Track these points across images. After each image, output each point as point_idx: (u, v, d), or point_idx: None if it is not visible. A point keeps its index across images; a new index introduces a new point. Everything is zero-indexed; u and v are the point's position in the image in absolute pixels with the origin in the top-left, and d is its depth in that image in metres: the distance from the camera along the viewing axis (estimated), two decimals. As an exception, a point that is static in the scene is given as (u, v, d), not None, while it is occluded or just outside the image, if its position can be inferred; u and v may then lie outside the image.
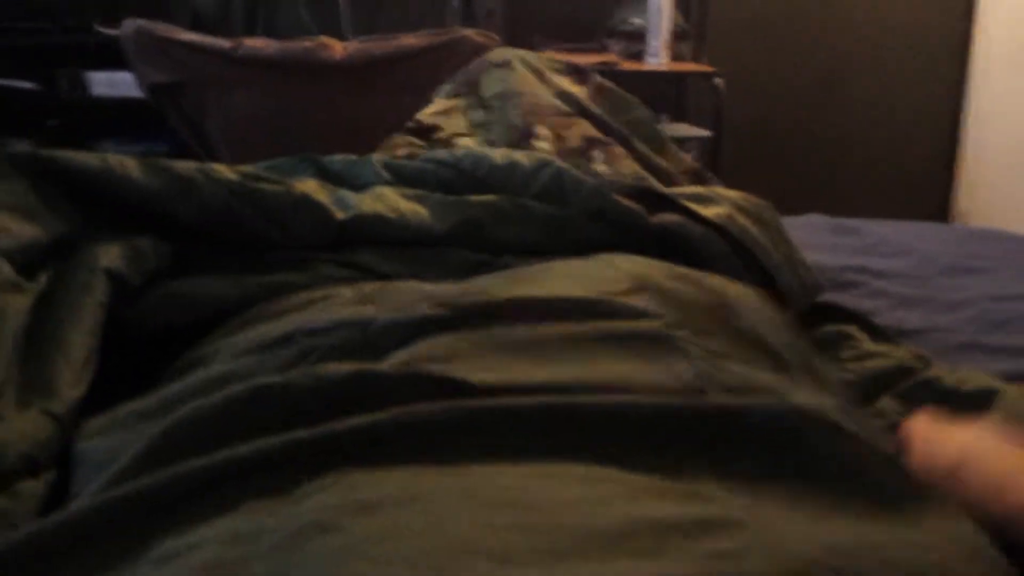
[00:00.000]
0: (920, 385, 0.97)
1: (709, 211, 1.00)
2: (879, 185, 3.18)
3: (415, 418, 0.57)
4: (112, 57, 2.19)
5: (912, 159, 3.23)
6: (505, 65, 1.64)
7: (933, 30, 3.11)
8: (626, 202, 0.97)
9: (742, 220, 0.99)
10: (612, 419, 0.57)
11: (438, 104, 1.60)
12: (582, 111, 1.59)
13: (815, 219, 1.79)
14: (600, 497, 0.51)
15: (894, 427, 0.84)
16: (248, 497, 0.49)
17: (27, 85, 2.47)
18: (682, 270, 0.86)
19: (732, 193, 1.06)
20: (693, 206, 1.00)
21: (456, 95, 1.62)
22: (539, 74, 1.65)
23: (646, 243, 0.96)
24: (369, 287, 0.83)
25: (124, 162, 0.88)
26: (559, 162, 1.01)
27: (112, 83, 2.39)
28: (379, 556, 0.43)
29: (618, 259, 0.86)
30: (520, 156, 1.04)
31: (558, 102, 1.57)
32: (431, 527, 0.47)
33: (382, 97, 2.09)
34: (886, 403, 0.96)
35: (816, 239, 1.58)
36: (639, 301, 0.75)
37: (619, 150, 1.51)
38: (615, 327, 0.70)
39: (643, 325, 0.71)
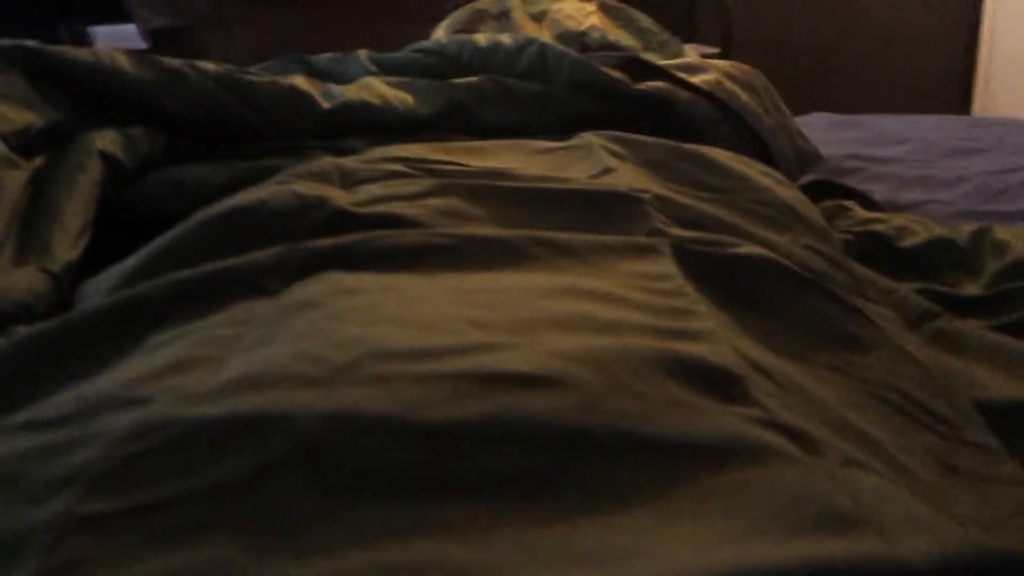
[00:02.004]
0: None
1: (696, 78, 1.00)
2: (895, 101, 3.13)
3: (388, 239, 0.59)
4: (115, 10, 2.20)
5: (929, 69, 3.17)
6: (503, 16, 1.61)
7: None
8: (611, 72, 0.98)
9: (730, 85, 1.00)
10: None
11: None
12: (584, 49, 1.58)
13: (819, 116, 1.78)
14: (554, 290, 0.53)
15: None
16: (237, 299, 0.52)
17: (30, 42, 2.50)
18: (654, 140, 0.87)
19: (722, 63, 1.06)
20: (680, 74, 1.00)
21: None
22: (539, 18, 1.63)
23: (632, 111, 0.97)
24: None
25: (114, 55, 0.90)
26: (542, 39, 1.02)
27: (116, 36, 2.41)
28: (364, 320, 0.46)
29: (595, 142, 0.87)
30: (503, 37, 1.04)
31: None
32: (410, 302, 0.49)
33: (385, 27, 2.09)
34: None
35: (820, 134, 1.57)
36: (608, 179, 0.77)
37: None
38: (580, 188, 0.72)
39: (607, 185, 0.73)
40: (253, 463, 0.35)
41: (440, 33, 1.67)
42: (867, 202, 1.19)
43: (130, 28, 2.25)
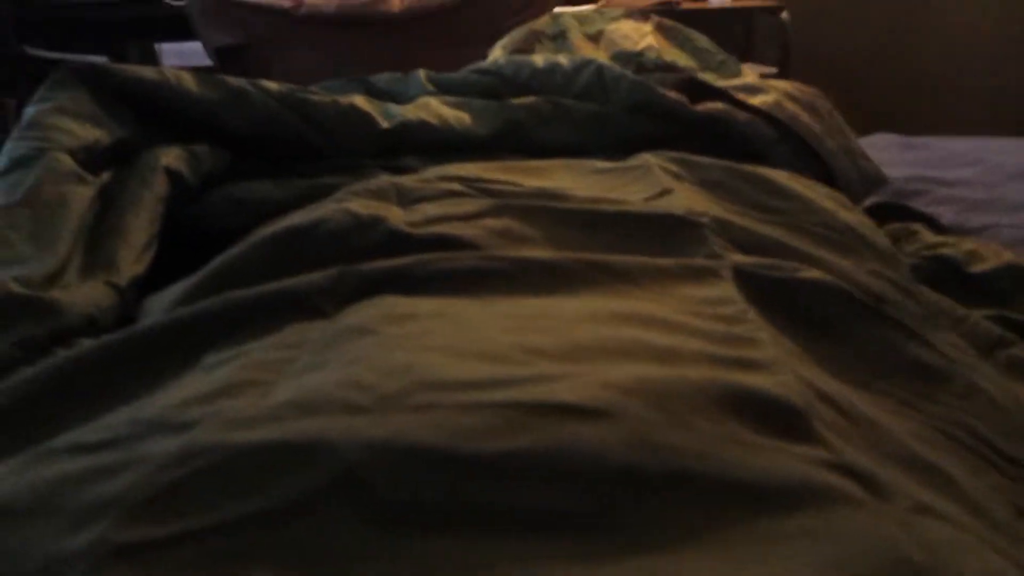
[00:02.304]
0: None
1: (756, 99, 0.99)
2: (957, 117, 3.06)
3: (443, 262, 0.59)
4: (181, 28, 2.26)
5: (997, 90, 3.09)
6: (560, 36, 1.61)
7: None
8: (669, 93, 0.97)
9: (791, 106, 0.98)
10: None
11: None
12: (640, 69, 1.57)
13: (882, 137, 1.75)
14: (609, 316, 0.52)
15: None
16: (292, 320, 0.52)
17: (99, 59, 2.57)
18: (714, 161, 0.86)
19: (783, 83, 1.05)
20: (739, 95, 0.99)
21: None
22: (595, 38, 1.62)
23: (690, 132, 0.96)
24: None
25: (180, 75, 0.92)
26: (599, 60, 1.01)
27: (181, 54, 2.48)
28: (415, 347, 0.46)
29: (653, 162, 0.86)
30: (561, 58, 1.04)
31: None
32: (463, 329, 0.49)
33: (441, 48, 2.11)
34: None
35: (883, 156, 1.54)
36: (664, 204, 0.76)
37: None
38: (636, 210, 0.71)
39: (664, 208, 0.72)
40: (297, 491, 0.35)
41: (497, 53, 1.67)
42: (934, 225, 1.16)
43: (196, 46, 2.31)
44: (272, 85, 0.96)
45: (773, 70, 2.51)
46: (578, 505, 0.35)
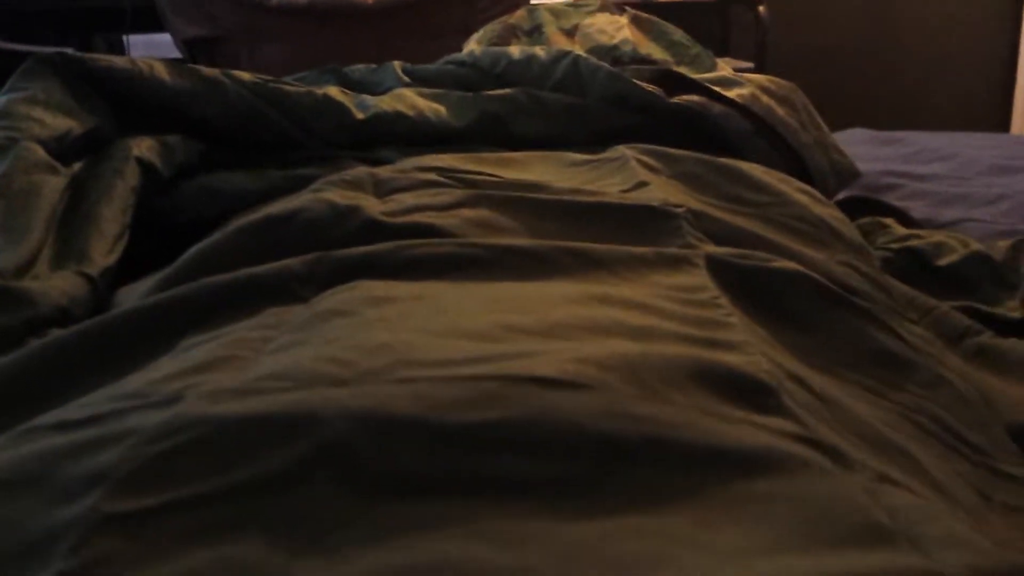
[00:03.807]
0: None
1: (732, 92, 0.99)
2: (933, 111, 3.10)
3: (420, 249, 0.59)
4: (149, 20, 2.24)
5: (968, 85, 3.13)
6: (536, 31, 1.61)
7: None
8: (645, 85, 0.97)
9: (766, 100, 0.99)
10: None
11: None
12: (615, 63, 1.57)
13: (857, 132, 1.77)
14: (585, 297, 0.52)
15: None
16: (269, 304, 0.52)
17: (66, 51, 2.54)
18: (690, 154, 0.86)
19: (759, 77, 1.06)
20: (715, 88, 1.00)
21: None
22: (571, 32, 1.63)
23: (666, 124, 0.96)
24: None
25: (152, 64, 0.91)
26: (576, 52, 1.02)
27: (150, 45, 2.45)
28: (394, 327, 0.46)
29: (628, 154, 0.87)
30: (538, 50, 1.04)
31: None
32: (441, 311, 0.49)
33: (416, 40, 2.10)
34: None
35: (857, 150, 1.56)
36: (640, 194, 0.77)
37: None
38: (612, 201, 0.72)
39: (640, 200, 0.73)
40: (282, 462, 0.35)
41: (472, 46, 1.67)
42: (905, 219, 1.17)
43: (164, 38, 2.28)
44: (246, 75, 0.96)
45: (749, 65, 2.53)
46: (556, 472, 0.36)
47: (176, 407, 0.38)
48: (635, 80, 0.98)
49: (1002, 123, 3.13)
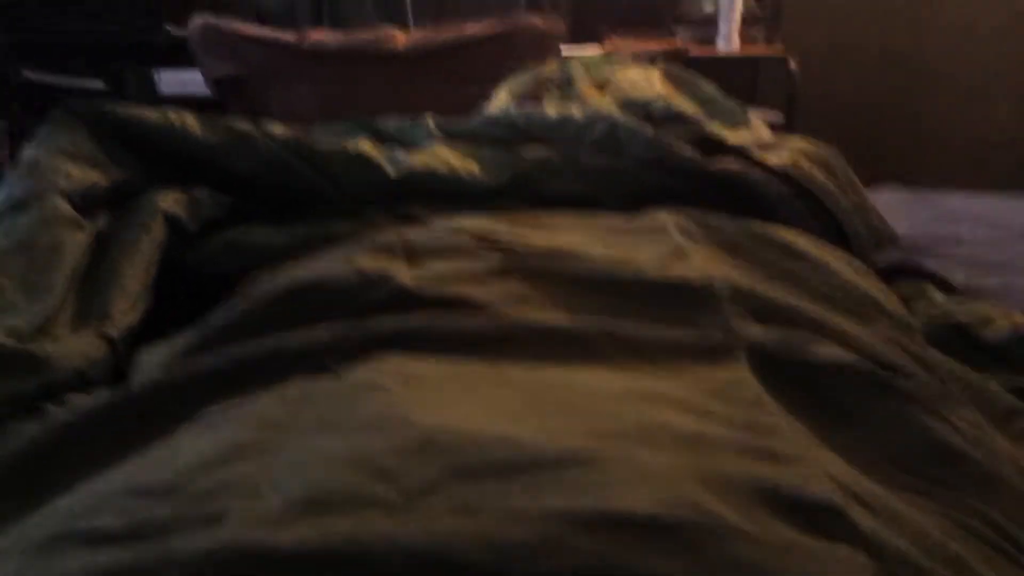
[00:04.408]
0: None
1: (771, 157, 0.97)
2: (962, 166, 3.06)
3: (452, 324, 0.57)
4: (180, 56, 2.25)
5: (998, 136, 3.10)
6: (567, 84, 1.59)
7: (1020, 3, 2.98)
8: (684, 150, 0.95)
9: (806, 165, 0.96)
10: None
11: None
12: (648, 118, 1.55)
13: (891, 191, 1.74)
14: (629, 394, 0.50)
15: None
16: (296, 376, 0.51)
17: (96, 84, 2.55)
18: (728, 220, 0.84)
19: (798, 141, 1.04)
20: (755, 153, 0.97)
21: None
22: (602, 86, 1.61)
23: (704, 189, 0.94)
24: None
25: (184, 117, 0.90)
26: (614, 115, 1.00)
27: (180, 82, 2.46)
28: (430, 412, 0.44)
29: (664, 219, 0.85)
30: (574, 111, 1.03)
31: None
32: (480, 400, 0.47)
33: (446, 86, 2.09)
34: None
35: (892, 211, 1.53)
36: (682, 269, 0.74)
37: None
38: (651, 277, 0.69)
39: (679, 274, 0.70)
40: None
41: (503, 97, 1.66)
42: (944, 285, 1.14)
43: (194, 74, 2.29)
44: (278, 129, 0.94)
45: (779, 117, 2.51)
46: None
47: (218, 531, 0.36)
48: (674, 145, 0.96)
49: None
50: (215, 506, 0.38)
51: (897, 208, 1.59)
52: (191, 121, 0.90)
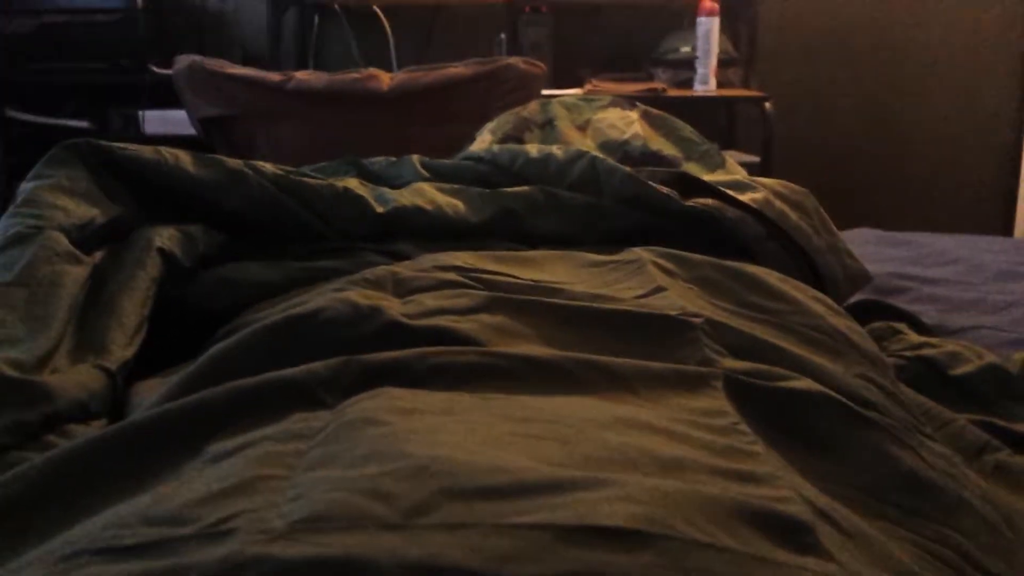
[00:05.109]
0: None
1: (745, 196, 1.01)
2: (936, 209, 3.13)
3: (443, 357, 0.59)
4: (165, 96, 2.28)
5: (970, 180, 3.17)
6: (548, 124, 1.63)
7: (987, 47, 3.07)
8: (660, 187, 0.99)
9: (779, 204, 1.00)
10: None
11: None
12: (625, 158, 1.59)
13: (865, 232, 1.78)
14: (613, 421, 0.52)
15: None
16: (295, 410, 0.52)
17: (81, 124, 2.58)
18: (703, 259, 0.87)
19: (771, 181, 1.07)
20: (729, 192, 1.01)
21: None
22: (583, 127, 1.65)
23: (681, 227, 0.97)
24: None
25: (177, 154, 0.92)
26: (593, 152, 1.03)
27: (165, 121, 2.48)
28: (426, 442, 0.46)
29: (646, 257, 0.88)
30: (555, 149, 1.06)
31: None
32: (472, 430, 0.49)
33: (429, 127, 2.13)
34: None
35: (866, 251, 1.57)
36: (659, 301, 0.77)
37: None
38: (630, 310, 0.72)
39: (658, 308, 0.73)
40: None
41: (486, 137, 1.69)
42: (916, 324, 1.17)
43: (179, 114, 2.32)
44: (268, 167, 0.97)
45: (755, 158, 2.57)
46: None
47: (229, 543, 0.38)
48: (651, 183, 0.99)
49: (1006, 223, 3.17)
50: (220, 519, 0.40)
51: (871, 248, 1.64)
52: (184, 158, 0.92)
